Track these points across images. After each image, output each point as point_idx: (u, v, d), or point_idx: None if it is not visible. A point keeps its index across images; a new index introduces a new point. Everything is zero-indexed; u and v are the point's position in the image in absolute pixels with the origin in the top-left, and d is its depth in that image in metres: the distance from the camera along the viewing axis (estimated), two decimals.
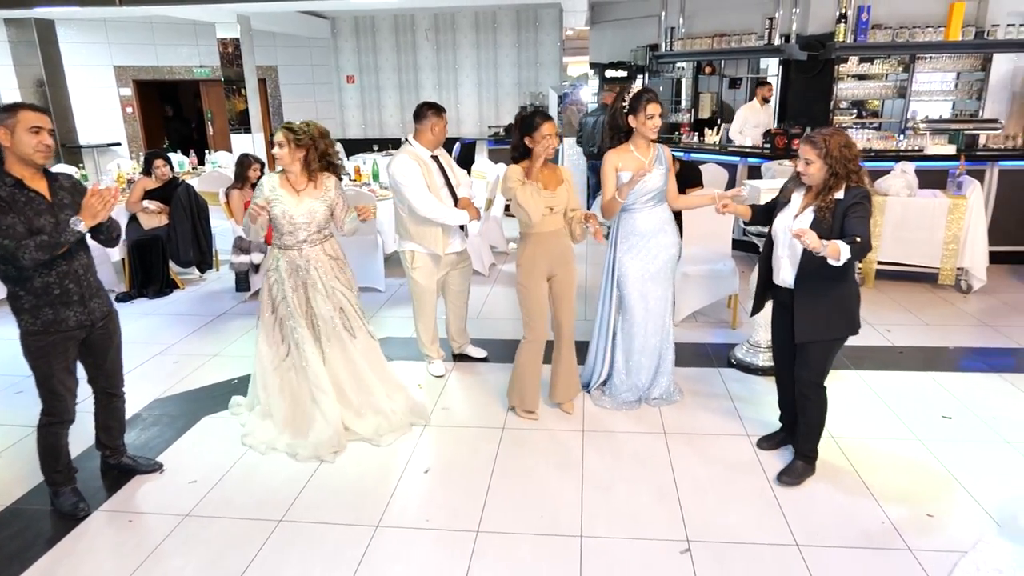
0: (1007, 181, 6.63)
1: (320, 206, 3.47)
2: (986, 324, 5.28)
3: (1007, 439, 3.59)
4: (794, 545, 2.79)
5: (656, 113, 3.62)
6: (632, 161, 3.70)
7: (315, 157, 3.45)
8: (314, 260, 3.52)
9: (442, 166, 4.17)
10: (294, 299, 3.53)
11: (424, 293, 4.32)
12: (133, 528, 2.99)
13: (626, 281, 3.84)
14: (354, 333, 3.65)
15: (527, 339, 3.77)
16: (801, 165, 2.99)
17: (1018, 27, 6.96)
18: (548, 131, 3.52)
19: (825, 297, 3.00)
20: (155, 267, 6.25)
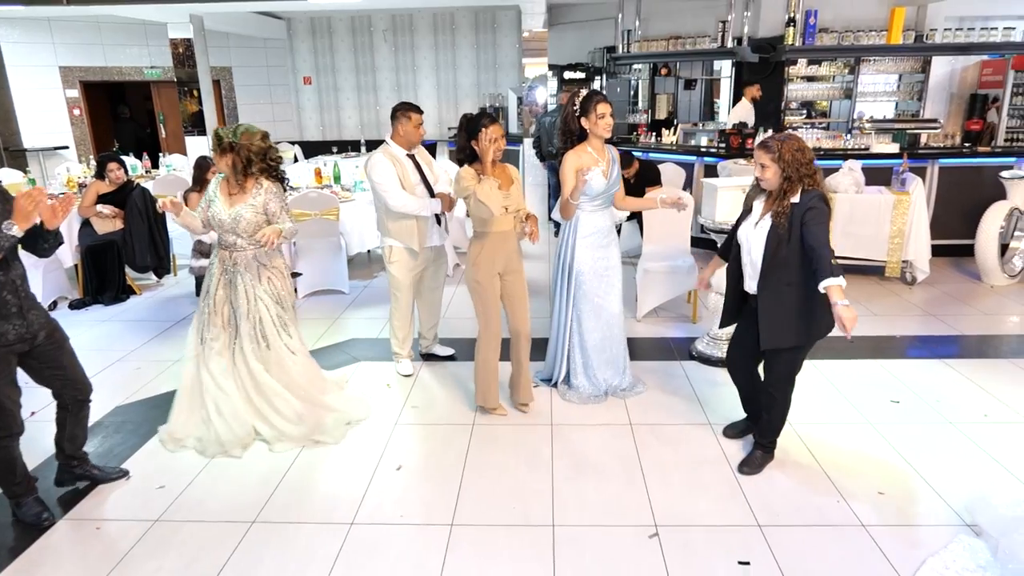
0: (946, 178, 6.95)
1: (246, 211, 3.44)
2: (930, 313, 5.54)
3: (950, 420, 3.80)
4: (756, 526, 2.91)
5: (607, 112, 3.72)
6: (590, 162, 3.80)
7: (240, 161, 3.42)
8: (242, 264, 3.52)
9: (418, 164, 4.22)
10: (216, 296, 3.56)
11: (401, 288, 4.35)
12: (101, 535, 2.96)
13: (583, 278, 3.93)
14: (269, 344, 3.59)
15: (483, 335, 3.82)
16: (758, 170, 3.08)
17: (954, 31, 7.29)
18: (494, 134, 3.56)
19: (788, 305, 3.06)
20: (110, 273, 6.12)
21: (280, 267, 3.66)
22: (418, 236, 4.21)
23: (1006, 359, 4.62)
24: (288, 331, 3.66)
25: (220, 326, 3.60)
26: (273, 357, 3.61)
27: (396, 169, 4.10)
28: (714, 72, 10.65)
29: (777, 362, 3.20)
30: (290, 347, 3.66)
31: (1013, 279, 6.33)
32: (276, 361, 3.62)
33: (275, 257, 3.64)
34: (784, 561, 2.70)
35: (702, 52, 8.47)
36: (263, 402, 3.60)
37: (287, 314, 3.66)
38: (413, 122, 4.14)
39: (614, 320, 4.02)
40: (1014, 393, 4.09)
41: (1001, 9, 8.78)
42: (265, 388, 3.60)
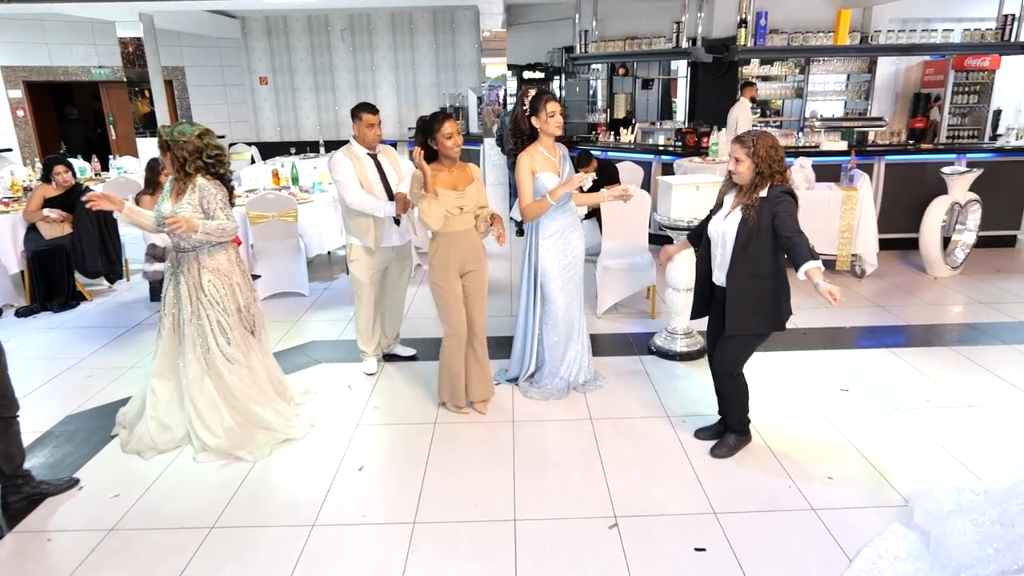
0: (892, 174, 7.19)
1: (184, 210, 3.35)
2: (878, 305, 5.73)
3: (896, 406, 3.95)
4: (712, 513, 2.99)
5: (556, 111, 3.77)
6: (544, 162, 3.85)
7: (175, 159, 3.36)
8: (185, 265, 3.47)
9: (379, 164, 4.22)
10: (169, 296, 3.54)
11: (361, 287, 4.35)
12: (53, 547, 2.89)
13: (548, 276, 3.97)
14: (209, 350, 3.50)
15: (447, 336, 3.83)
16: (732, 164, 3.16)
17: (897, 33, 7.54)
18: (450, 129, 3.58)
19: (755, 295, 3.17)
20: (59, 279, 5.94)
21: (227, 271, 3.51)
22: (374, 235, 4.21)
23: (948, 347, 4.80)
24: (228, 337, 3.52)
25: (169, 327, 3.55)
26: (211, 364, 3.52)
27: (356, 167, 4.13)
28: (671, 72, 10.84)
29: (733, 345, 3.30)
30: (227, 355, 3.53)
31: (955, 270, 6.58)
32: (215, 369, 3.53)
33: (221, 259, 3.49)
34: (739, 546, 2.78)
35: (658, 52, 8.59)
36: (192, 410, 3.53)
37: (231, 319, 3.52)
38: (364, 122, 4.15)
39: (576, 317, 4.07)
40: (955, 379, 4.27)
41: (941, 12, 9.12)
42: (197, 397, 3.52)
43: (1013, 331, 5.08)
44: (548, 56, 11.34)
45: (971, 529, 2.50)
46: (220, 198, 3.43)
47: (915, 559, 2.63)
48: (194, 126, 3.41)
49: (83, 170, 8.46)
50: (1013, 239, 7.61)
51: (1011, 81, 10.09)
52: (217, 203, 3.40)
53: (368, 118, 4.15)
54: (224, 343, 3.52)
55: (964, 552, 2.44)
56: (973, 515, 2.54)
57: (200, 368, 3.52)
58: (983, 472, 3.23)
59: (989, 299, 5.84)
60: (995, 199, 6.98)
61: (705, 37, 8.25)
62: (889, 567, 2.62)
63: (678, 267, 4.63)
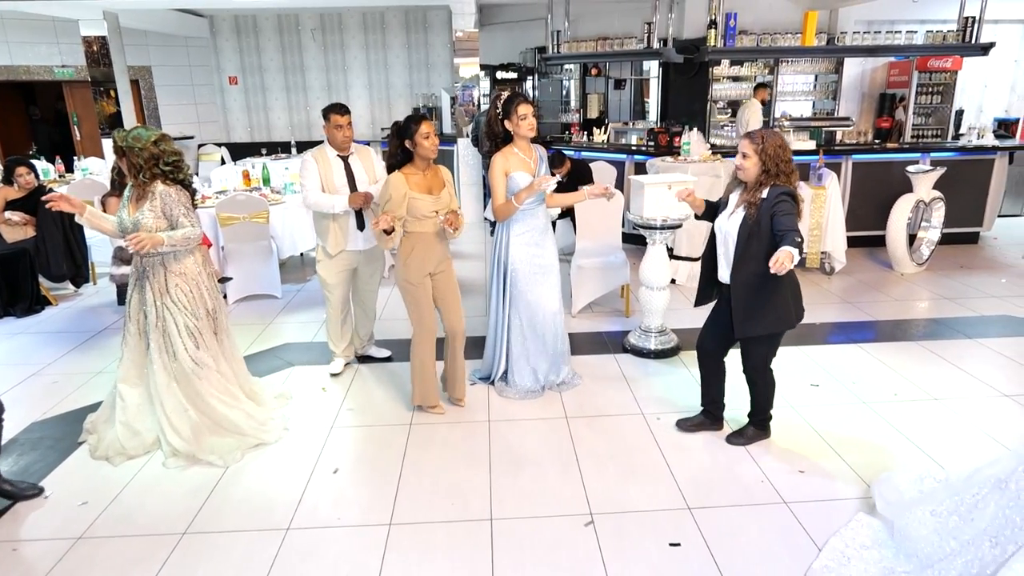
0: (859, 173, 7.33)
1: (145, 217, 3.29)
2: (847, 301, 5.83)
3: (864, 400, 4.02)
4: (686, 509, 3.02)
5: (528, 113, 3.78)
6: (518, 162, 3.86)
7: (131, 166, 3.30)
8: (150, 271, 3.40)
9: (349, 167, 4.18)
10: (134, 303, 3.49)
11: (328, 288, 4.33)
12: (18, 557, 2.82)
13: (517, 276, 3.98)
14: (176, 355, 3.43)
15: (417, 335, 3.82)
16: (739, 159, 3.16)
17: (863, 34, 7.67)
18: (427, 130, 3.56)
19: (763, 294, 3.15)
20: (23, 283, 5.80)
21: (194, 274, 3.45)
22: (332, 238, 4.19)
23: (915, 342, 4.91)
24: (197, 342, 3.46)
25: (135, 333, 3.50)
26: (179, 369, 3.46)
27: (321, 169, 4.11)
28: (643, 72, 10.89)
29: (754, 350, 3.34)
30: (195, 359, 3.46)
31: (921, 267, 6.72)
32: (182, 374, 3.47)
33: (188, 263, 3.43)
34: (713, 540, 2.81)
35: (629, 53, 8.64)
36: (162, 415, 3.47)
37: (200, 323, 3.47)
38: (332, 123, 4.12)
39: (550, 316, 4.06)
40: (921, 373, 4.36)
41: (906, 14, 9.30)
42: (165, 401, 3.46)
43: (976, 325, 5.21)
44: (521, 56, 11.34)
45: (930, 520, 2.53)
46: (183, 204, 3.37)
47: (881, 547, 2.68)
48: (150, 131, 3.34)
49: (47, 172, 8.28)
50: (976, 236, 7.80)
51: (972, 82, 10.34)
52: (180, 210, 3.35)
53: (335, 119, 4.10)
54: (192, 347, 3.46)
55: (927, 544, 2.48)
56: (932, 505, 2.58)
57: (167, 373, 3.46)
58: (948, 463, 3.30)
59: (953, 295, 5.97)
60: (958, 197, 7.16)
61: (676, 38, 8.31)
62: (857, 555, 2.67)
63: (652, 266, 4.67)
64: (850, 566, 2.62)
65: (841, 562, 2.65)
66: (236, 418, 3.60)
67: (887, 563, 2.58)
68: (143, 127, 3.38)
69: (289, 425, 3.83)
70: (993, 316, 5.44)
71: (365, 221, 4.24)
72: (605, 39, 8.83)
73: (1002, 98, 10.79)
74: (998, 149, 7.48)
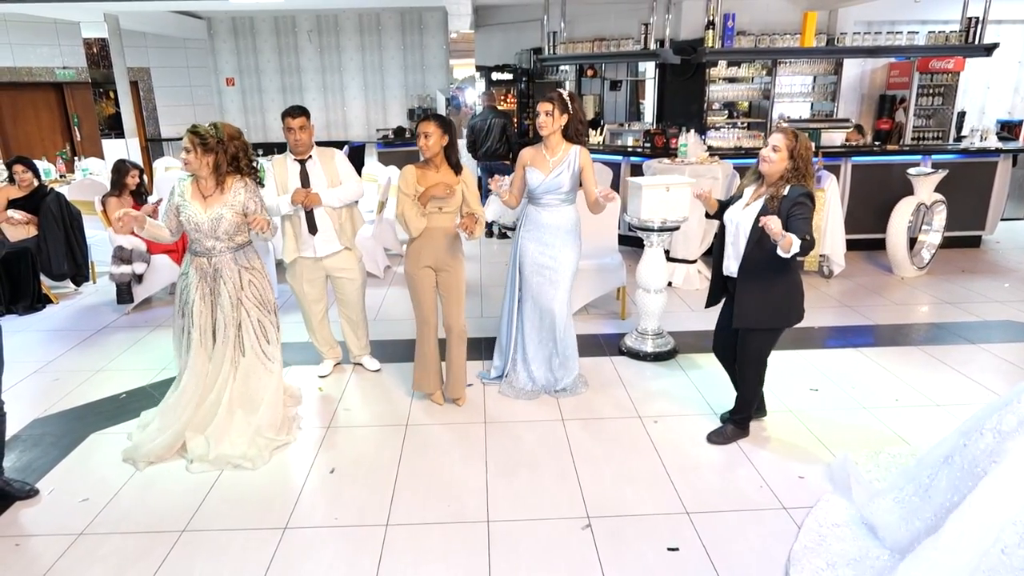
0: (859, 175, 7.31)
1: (227, 212, 3.33)
2: (846, 305, 5.83)
3: (864, 405, 4.01)
4: (684, 513, 3.02)
5: (542, 111, 3.82)
6: (540, 159, 3.91)
7: (224, 161, 3.35)
8: (223, 269, 3.40)
9: (305, 171, 4.04)
10: (200, 306, 3.42)
11: (296, 295, 4.32)
12: (21, 552, 2.83)
13: (524, 272, 4.02)
14: (244, 352, 3.48)
15: (417, 324, 3.93)
16: (768, 150, 3.14)
17: (863, 35, 7.67)
18: (422, 129, 3.61)
19: (766, 288, 3.19)
20: (24, 281, 5.82)
21: (260, 268, 3.55)
22: (285, 244, 4.12)
23: (915, 346, 4.90)
24: (267, 337, 3.54)
25: (198, 340, 3.44)
26: (246, 366, 3.48)
27: (275, 173, 4.05)
28: (639, 73, 10.89)
29: (750, 342, 3.36)
30: (267, 354, 3.54)
31: (921, 271, 6.71)
32: (249, 371, 3.49)
33: (253, 258, 3.53)
34: (711, 545, 2.80)
35: (626, 54, 8.65)
36: (214, 416, 3.44)
37: (268, 318, 3.55)
38: (284, 126, 4.00)
39: (548, 318, 4.05)
40: (923, 378, 4.35)
41: (906, 14, 9.30)
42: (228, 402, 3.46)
43: (979, 330, 5.20)
44: (516, 57, 11.35)
45: (895, 507, 2.60)
46: (260, 196, 3.47)
47: (852, 525, 2.76)
48: (229, 125, 3.45)
49: (48, 171, 8.28)
50: (978, 239, 7.78)
51: (975, 83, 10.34)
52: (260, 202, 3.43)
53: (287, 122, 3.97)
54: (265, 343, 3.53)
55: (896, 530, 2.55)
56: (894, 493, 2.66)
57: (233, 375, 3.46)
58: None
59: (955, 299, 5.97)
60: (960, 200, 7.13)
61: (673, 39, 8.33)
62: (831, 533, 2.74)
63: (649, 269, 4.66)
64: (826, 544, 2.69)
65: (817, 542, 2.72)
66: (280, 419, 3.64)
67: (860, 542, 2.66)
68: (220, 123, 3.42)
69: (302, 424, 3.84)
70: (996, 321, 5.42)
71: (317, 224, 4.07)
72: (601, 40, 8.85)
73: (1005, 100, 10.80)
74: (1001, 151, 7.45)
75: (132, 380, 4.41)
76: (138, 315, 5.74)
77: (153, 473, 3.39)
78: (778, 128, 3.20)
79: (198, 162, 3.30)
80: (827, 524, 2.80)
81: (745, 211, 3.24)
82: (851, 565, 2.57)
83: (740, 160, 6.92)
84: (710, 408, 3.96)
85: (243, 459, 3.41)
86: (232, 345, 3.45)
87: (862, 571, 2.52)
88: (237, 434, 3.46)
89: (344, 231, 4.17)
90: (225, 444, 3.43)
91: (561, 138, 3.87)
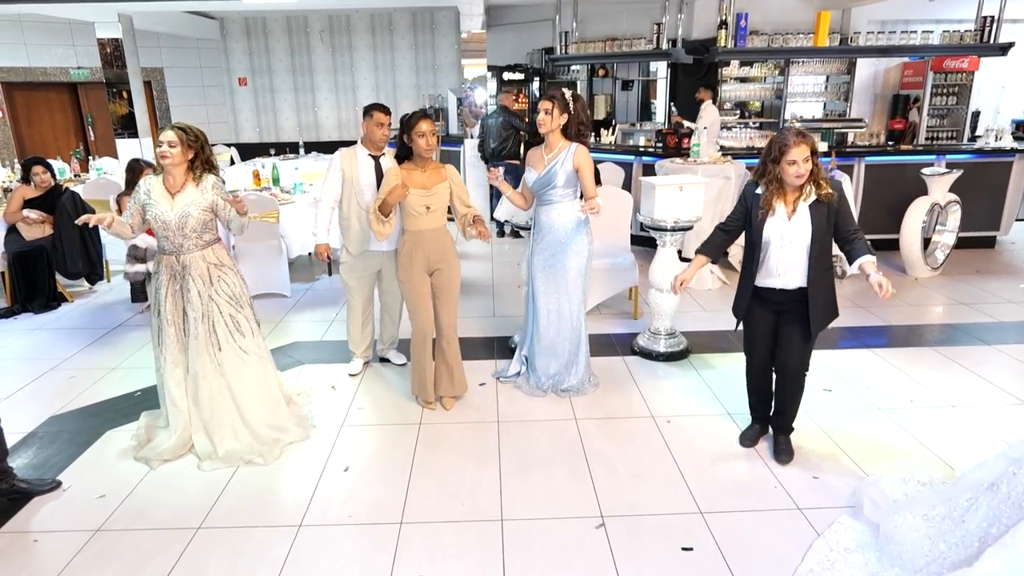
0: (872, 175, 7.27)
1: (194, 209, 3.33)
2: (859, 306, 5.79)
3: (879, 406, 3.99)
4: (698, 513, 3.01)
5: (541, 109, 3.81)
6: (537, 158, 3.91)
7: (202, 159, 3.39)
8: (192, 266, 3.40)
9: (380, 166, 4.14)
10: (169, 305, 3.42)
11: (348, 289, 4.35)
12: (39, 548, 2.86)
13: (534, 271, 4.04)
14: (220, 347, 3.46)
15: (412, 331, 3.91)
16: (802, 165, 2.99)
17: (876, 34, 7.63)
18: (424, 128, 3.63)
19: (829, 289, 3.21)
20: (40, 280, 5.88)
21: (230, 264, 3.54)
22: (354, 237, 4.18)
23: (930, 347, 4.87)
24: (241, 330, 3.52)
25: (173, 336, 3.46)
26: (225, 361, 3.48)
27: (345, 166, 4.11)
28: (650, 73, 10.88)
29: (808, 348, 3.27)
30: (243, 347, 3.52)
31: (936, 271, 6.66)
32: (229, 365, 3.49)
33: (223, 254, 3.52)
34: (726, 545, 2.79)
35: (638, 54, 8.64)
36: (208, 412, 3.47)
37: (242, 312, 3.53)
38: (373, 121, 4.09)
39: (554, 317, 4.05)
40: (938, 379, 4.32)
41: (920, 13, 9.23)
42: (216, 396, 3.46)
43: (994, 331, 5.16)
44: (528, 57, 11.35)
45: (922, 525, 2.52)
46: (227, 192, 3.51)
47: (865, 550, 2.68)
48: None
49: (63, 171, 8.35)
50: (993, 240, 7.72)
51: (989, 82, 10.25)
52: (226, 198, 3.46)
53: (379, 116, 4.10)
54: (239, 336, 3.51)
55: (916, 547, 2.47)
56: (923, 510, 2.57)
57: (214, 367, 3.46)
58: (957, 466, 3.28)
59: (970, 300, 5.92)
60: (975, 200, 7.08)
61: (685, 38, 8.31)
62: (841, 559, 2.67)
63: (661, 268, 4.66)
64: (834, 570, 2.62)
65: (825, 566, 2.64)
66: (278, 412, 3.66)
67: (872, 567, 2.58)
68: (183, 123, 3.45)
69: (316, 422, 3.86)
70: (1011, 322, 5.37)
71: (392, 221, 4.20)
72: (613, 40, 8.84)
73: (1020, 99, 10.70)
74: (1016, 151, 7.39)
75: (147, 378, 4.42)
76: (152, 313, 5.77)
77: (168, 470, 3.41)
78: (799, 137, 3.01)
79: (181, 156, 3.32)
80: (839, 548, 2.73)
81: (793, 223, 3.10)
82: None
83: (752, 160, 6.88)
84: (723, 408, 3.95)
85: (251, 453, 3.45)
86: (204, 340, 3.43)
87: None
88: (235, 428, 3.49)
89: None
90: (228, 439, 3.46)
91: (560, 136, 3.85)
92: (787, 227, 3.11)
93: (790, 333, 3.25)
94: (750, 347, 3.45)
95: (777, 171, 3.08)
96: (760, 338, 3.37)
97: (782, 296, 3.22)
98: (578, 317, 4.08)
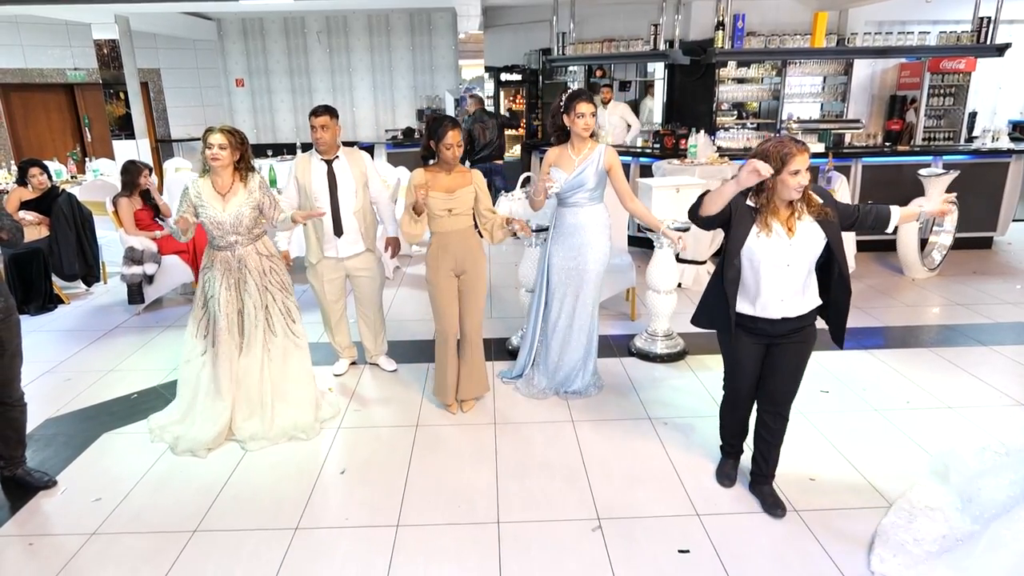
0: (869, 176, 7.29)
1: (246, 208, 3.49)
2: (856, 307, 5.79)
3: (875, 407, 3.99)
4: (695, 515, 3.01)
5: (587, 112, 3.73)
6: (565, 158, 3.87)
7: (248, 159, 3.52)
8: (247, 259, 3.57)
9: (332, 172, 4.03)
10: (225, 296, 3.55)
11: (315, 293, 4.36)
12: (35, 551, 2.85)
13: (550, 275, 4.03)
14: (275, 331, 3.67)
15: (436, 332, 3.91)
16: (804, 175, 2.63)
17: (873, 35, 7.64)
18: (452, 140, 3.59)
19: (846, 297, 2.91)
20: (36, 282, 5.88)
21: (277, 254, 3.75)
22: (309, 246, 4.21)
23: (927, 348, 4.87)
24: (292, 316, 3.73)
25: (225, 328, 3.57)
26: (280, 345, 3.67)
27: (299, 172, 4.05)
28: (648, 74, 10.87)
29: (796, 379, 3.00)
30: (296, 333, 3.75)
31: (933, 272, 6.67)
32: (282, 349, 3.70)
33: (271, 246, 3.71)
34: (722, 547, 2.80)
35: (635, 55, 8.63)
36: (258, 395, 3.65)
37: (291, 300, 3.73)
38: (319, 124, 3.96)
39: (570, 319, 4.04)
40: (934, 380, 4.33)
41: (917, 14, 9.24)
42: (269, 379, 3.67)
43: (991, 332, 5.16)
44: (525, 58, 11.34)
45: (1009, 488, 2.71)
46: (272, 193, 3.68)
47: (945, 509, 2.86)
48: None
49: (59, 172, 8.33)
50: (989, 241, 7.74)
51: (986, 83, 10.26)
52: (272, 197, 3.62)
53: (312, 120, 3.97)
54: (291, 323, 3.72)
55: (1001, 507, 2.63)
56: (1010, 475, 2.76)
57: (267, 354, 3.66)
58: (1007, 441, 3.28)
59: (967, 300, 5.93)
60: (971, 201, 7.08)
61: (682, 39, 8.30)
62: (922, 514, 2.86)
63: (659, 270, 4.66)
64: (915, 523, 2.81)
65: (908, 519, 2.85)
66: (315, 389, 3.90)
67: (952, 523, 2.77)
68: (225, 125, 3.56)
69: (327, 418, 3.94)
70: (1008, 323, 5.38)
71: (343, 227, 4.10)
72: (610, 41, 8.83)
73: (1017, 100, 10.70)
74: (1013, 152, 7.40)
75: (143, 380, 4.43)
76: (149, 315, 5.77)
77: (165, 473, 3.41)
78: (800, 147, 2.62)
79: (228, 158, 3.43)
80: (920, 505, 2.91)
81: (797, 246, 2.72)
82: (937, 541, 2.68)
83: None
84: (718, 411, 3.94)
85: (295, 429, 3.70)
86: (263, 328, 3.62)
87: (947, 545, 2.63)
88: (285, 407, 3.71)
89: (368, 233, 4.22)
90: (279, 418, 3.68)
91: (587, 137, 3.85)
92: (790, 251, 2.72)
93: (782, 362, 2.92)
94: (733, 380, 3.09)
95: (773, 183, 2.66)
96: (747, 374, 3.00)
97: (783, 327, 2.85)
98: (592, 317, 4.07)
